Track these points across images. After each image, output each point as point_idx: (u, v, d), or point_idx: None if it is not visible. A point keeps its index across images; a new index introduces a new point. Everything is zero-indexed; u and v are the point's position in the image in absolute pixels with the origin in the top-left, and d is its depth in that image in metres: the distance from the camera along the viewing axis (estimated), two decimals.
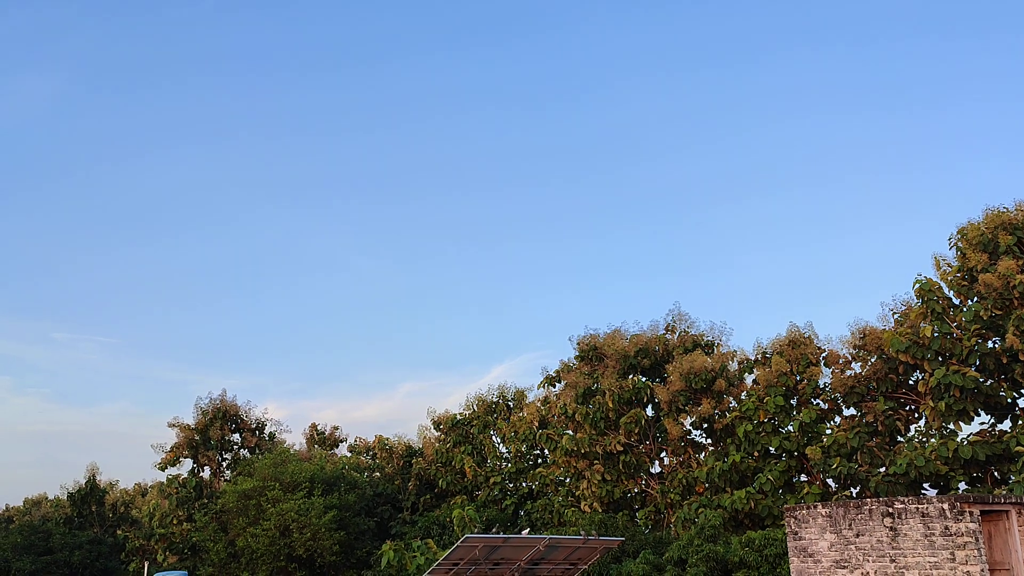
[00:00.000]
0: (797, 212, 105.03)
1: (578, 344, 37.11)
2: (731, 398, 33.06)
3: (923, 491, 26.92)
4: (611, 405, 33.86)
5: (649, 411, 34.86)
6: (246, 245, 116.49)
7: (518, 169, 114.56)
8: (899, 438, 29.21)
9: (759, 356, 33.16)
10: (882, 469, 27.93)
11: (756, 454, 31.38)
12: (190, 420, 45.77)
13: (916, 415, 29.27)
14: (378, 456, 49.66)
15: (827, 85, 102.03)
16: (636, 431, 33.77)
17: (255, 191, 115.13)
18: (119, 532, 46.73)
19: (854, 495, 28.52)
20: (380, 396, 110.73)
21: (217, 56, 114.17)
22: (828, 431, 29.75)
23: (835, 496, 28.68)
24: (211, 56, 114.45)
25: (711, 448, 33.69)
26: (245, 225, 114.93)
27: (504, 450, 42.01)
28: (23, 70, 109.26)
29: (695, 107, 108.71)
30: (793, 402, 31.45)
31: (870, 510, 18.46)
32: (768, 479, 29.63)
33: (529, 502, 38.73)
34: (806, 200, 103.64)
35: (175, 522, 43.87)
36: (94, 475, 49.03)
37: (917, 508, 17.82)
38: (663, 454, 35.24)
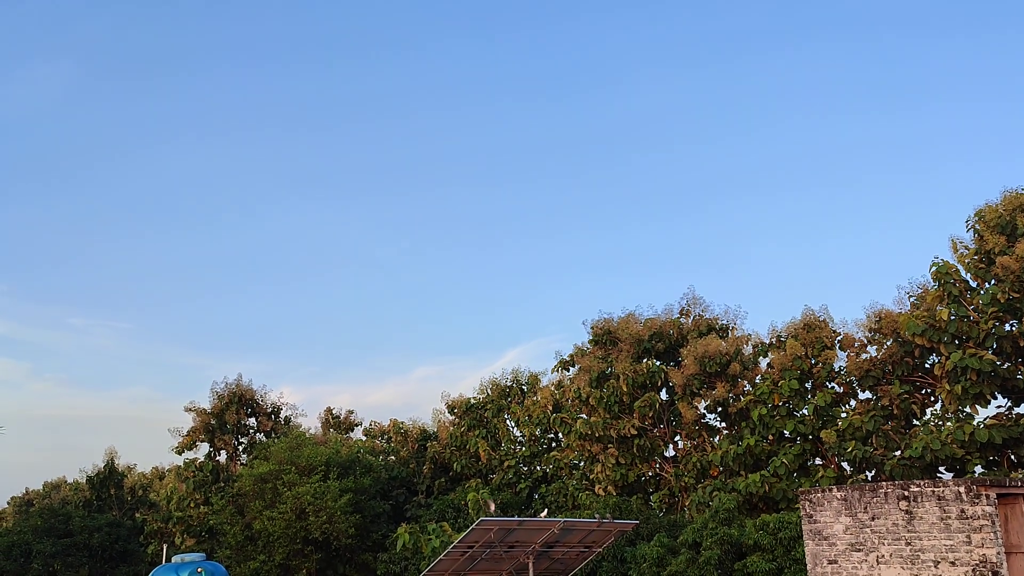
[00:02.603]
0: (812, 199, 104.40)
1: (592, 328, 37.11)
2: (745, 382, 33.01)
3: (939, 474, 26.84)
4: (625, 389, 33.87)
5: (663, 395, 34.86)
6: (261, 234, 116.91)
7: (532, 160, 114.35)
8: (915, 421, 29.10)
9: (774, 340, 33.06)
10: (897, 452, 27.84)
11: (771, 438, 31.35)
12: (206, 404, 46.12)
13: (932, 398, 29.14)
14: (393, 440, 49.90)
15: (844, 78, 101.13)
16: (650, 415, 33.78)
17: (270, 181, 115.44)
18: (137, 515, 47.21)
19: (869, 478, 28.46)
20: (394, 380, 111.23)
21: (234, 46, 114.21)
22: (843, 415, 29.66)
23: (850, 480, 28.62)
24: (228, 45, 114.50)
25: (725, 432, 33.66)
26: (259, 214, 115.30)
27: (518, 434, 42.13)
28: (35, 59, 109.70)
29: (710, 101, 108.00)
30: (808, 385, 31.36)
31: (886, 493, 18.43)
32: (783, 462, 29.59)
33: (543, 485, 38.85)
34: (821, 187, 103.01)
35: (192, 505, 44.28)
36: (112, 459, 49.48)
37: (933, 491, 17.77)
38: (677, 438, 35.25)
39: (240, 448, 47.20)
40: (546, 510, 29.45)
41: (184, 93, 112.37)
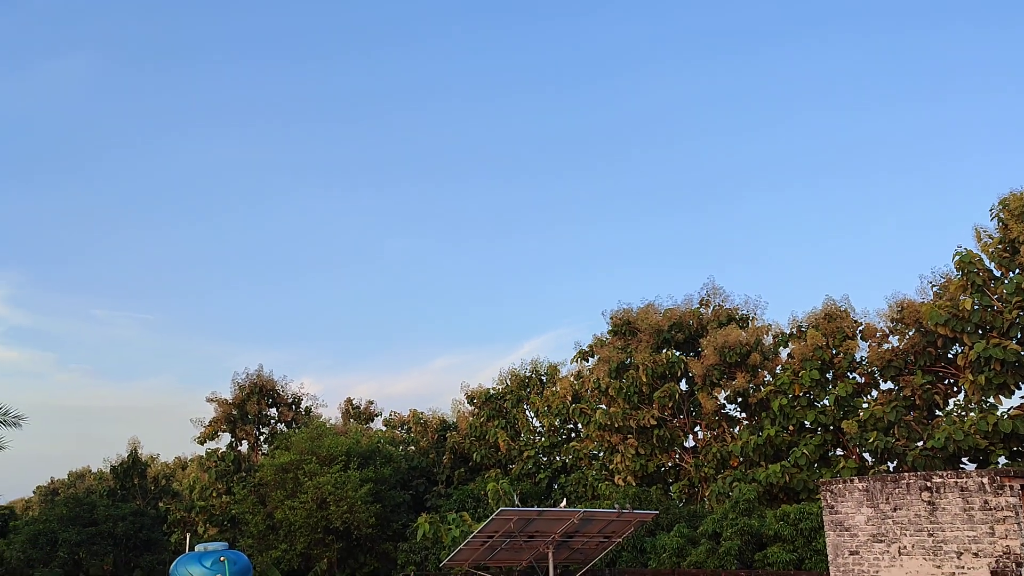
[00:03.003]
0: (834, 189, 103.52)
1: (611, 318, 37.04)
2: (766, 372, 32.86)
3: (962, 465, 26.63)
4: (645, 379, 33.81)
5: (683, 385, 34.77)
6: (281, 226, 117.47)
7: (551, 151, 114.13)
8: (937, 412, 28.86)
9: (794, 330, 32.86)
10: (920, 443, 27.64)
11: (791, 428, 31.20)
12: (228, 395, 46.46)
13: (955, 389, 28.87)
14: (413, 430, 50.09)
15: (865, 69, 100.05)
16: (670, 405, 33.71)
17: (291, 173, 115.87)
18: (161, 504, 47.68)
19: (891, 469, 28.28)
20: (414, 371, 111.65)
21: (249, 38, 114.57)
22: (865, 405, 29.48)
23: (871, 470, 28.46)
24: (243, 38, 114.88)
25: (745, 422, 33.54)
26: (280, 206, 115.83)
27: (537, 424, 42.17)
28: (54, 52, 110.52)
29: (730, 93, 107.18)
30: (829, 376, 31.18)
31: (908, 484, 18.31)
32: (803, 453, 29.46)
33: (563, 476, 38.89)
34: (843, 177, 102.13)
35: (214, 495, 44.67)
36: (136, 449, 49.96)
37: (956, 482, 17.65)
38: (697, 428, 35.17)
39: (261, 438, 47.55)
40: (565, 500, 29.52)
41: (202, 85, 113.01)
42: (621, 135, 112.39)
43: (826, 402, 30.52)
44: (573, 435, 40.66)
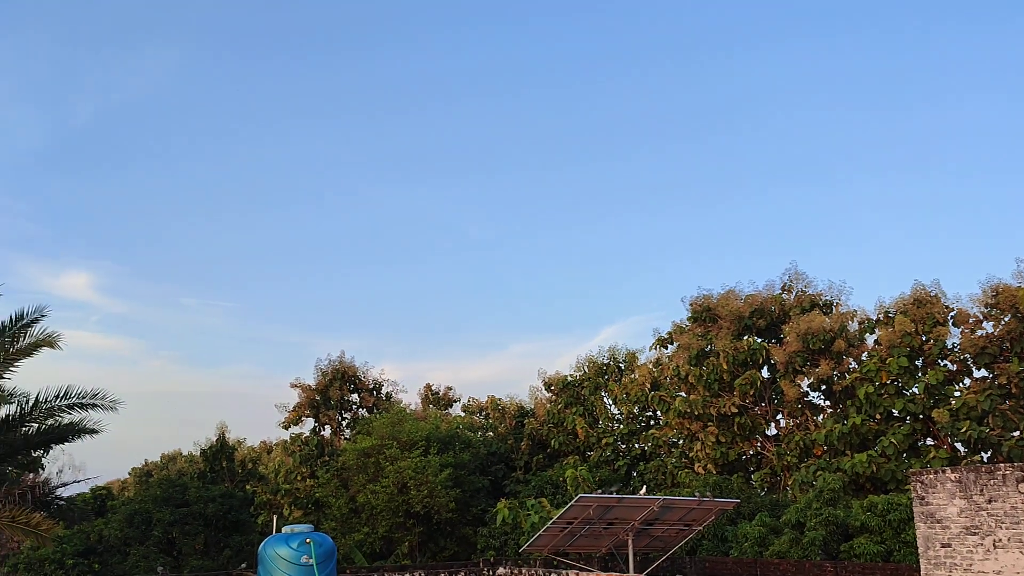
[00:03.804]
0: (923, 172, 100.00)
1: (691, 305, 36.60)
2: (851, 359, 32.05)
3: None
4: (725, 367, 33.34)
5: (764, 372, 34.16)
6: (360, 214, 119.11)
7: (630, 137, 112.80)
8: None
9: (881, 316, 31.94)
10: (1016, 433, 26.63)
11: (878, 416, 30.38)
12: (311, 381, 47.47)
13: None
14: (491, 416, 50.42)
15: (966, 58, 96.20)
16: (751, 393, 33.17)
17: (369, 163, 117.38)
18: (248, 487, 49.00)
19: (985, 460, 27.30)
20: (491, 357, 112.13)
21: (332, 26, 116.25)
22: (957, 393, 28.51)
23: (964, 461, 27.52)
24: (328, 27, 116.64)
25: (830, 410, 32.81)
26: (358, 195, 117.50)
27: (616, 411, 42.01)
28: (148, 42, 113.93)
29: (820, 74, 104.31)
30: (918, 363, 30.24)
31: (1004, 475, 17.64)
32: (891, 442, 28.64)
33: (642, 463, 38.69)
34: (933, 160, 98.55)
35: (299, 478, 45.71)
36: (223, 433, 51.41)
37: None
38: (779, 416, 34.54)
39: (343, 423, 48.46)
40: (644, 487, 29.34)
41: (287, 75, 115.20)
42: (701, 119, 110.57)
43: (915, 390, 29.61)
44: (652, 423, 40.39)
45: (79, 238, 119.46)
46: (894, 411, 30.02)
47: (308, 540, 16.29)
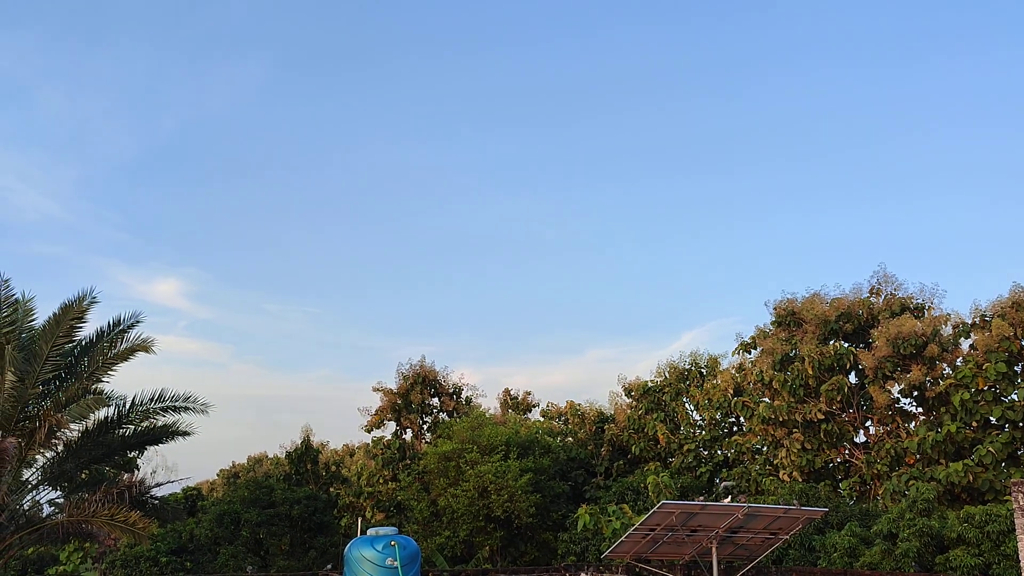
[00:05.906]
0: (1017, 171, 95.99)
1: (775, 309, 35.81)
2: (945, 364, 30.90)
3: None
4: (811, 372, 32.53)
5: (852, 378, 33.20)
6: (439, 221, 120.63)
7: (716, 146, 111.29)
8: None
9: (977, 319, 30.71)
10: None
11: (974, 424, 29.23)
12: (392, 385, 48.09)
13: None
14: (570, 421, 50.24)
15: None
16: (838, 399, 32.27)
17: (450, 171, 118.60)
18: (332, 489, 49.83)
19: None
20: (569, 362, 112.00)
21: (423, 39, 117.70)
22: None
23: None
24: (416, 39, 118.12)
25: (922, 417, 31.70)
26: (439, 203, 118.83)
27: (697, 417, 41.39)
28: (235, 54, 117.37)
29: (896, 90, 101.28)
30: (1017, 369, 29.00)
31: None
32: (989, 451, 27.52)
33: (724, 470, 38.04)
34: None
35: (381, 481, 46.35)
36: (308, 436, 52.36)
37: None
38: (868, 423, 33.52)
39: (424, 427, 48.93)
40: (729, 496, 28.84)
41: (375, 87, 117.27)
42: (788, 129, 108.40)
43: (1015, 396, 28.40)
44: (735, 429, 39.69)
45: (167, 246, 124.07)
46: (992, 419, 28.85)
47: (393, 543, 16.48)
